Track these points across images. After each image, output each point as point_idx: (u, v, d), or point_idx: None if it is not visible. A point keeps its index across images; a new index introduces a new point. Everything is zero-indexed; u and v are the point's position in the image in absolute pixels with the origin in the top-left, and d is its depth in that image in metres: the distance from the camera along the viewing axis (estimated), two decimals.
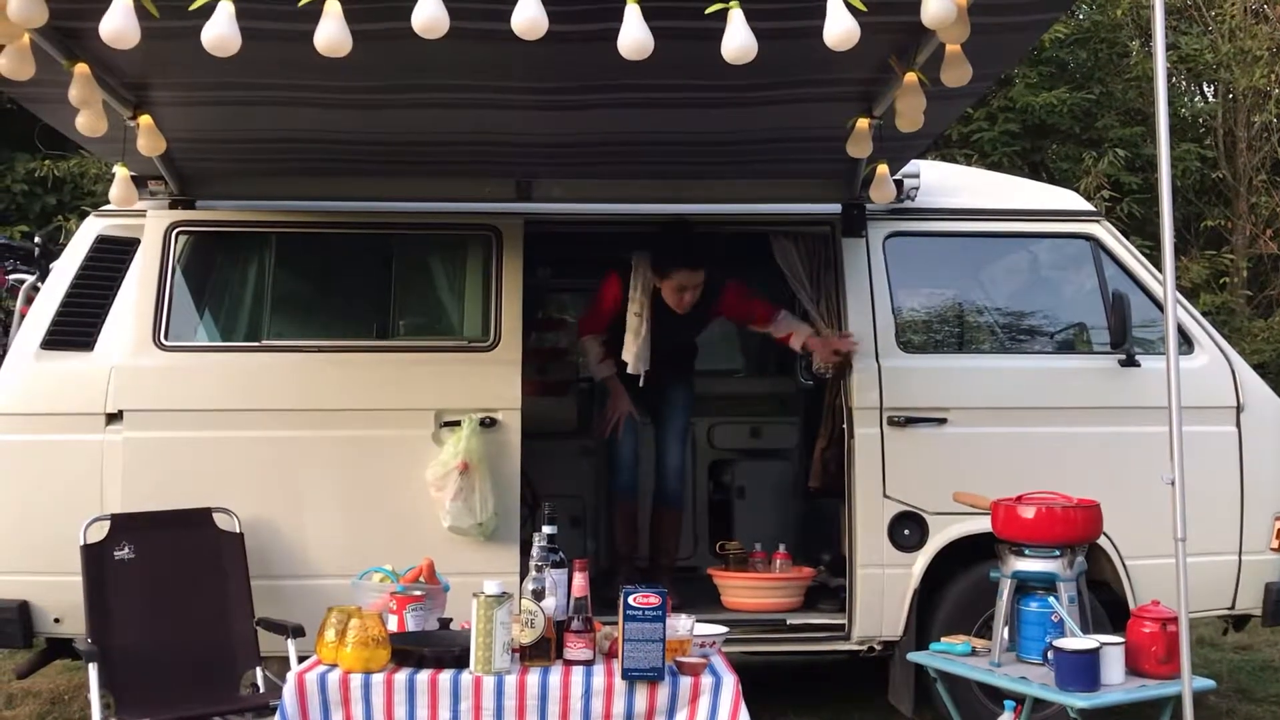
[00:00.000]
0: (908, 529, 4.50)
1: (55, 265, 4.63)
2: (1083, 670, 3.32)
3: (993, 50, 3.20)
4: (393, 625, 2.96)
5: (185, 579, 4.13)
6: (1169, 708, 3.40)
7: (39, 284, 4.78)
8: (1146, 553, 4.42)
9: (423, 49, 2.74)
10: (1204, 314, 6.39)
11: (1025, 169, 10.62)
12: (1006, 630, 3.69)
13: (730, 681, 2.69)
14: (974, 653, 3.75)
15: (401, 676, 2.67)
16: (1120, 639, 3.46)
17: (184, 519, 4.18)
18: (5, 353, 4.52)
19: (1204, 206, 11.94)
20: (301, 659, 3.16)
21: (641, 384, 4.90)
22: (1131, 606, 4.25)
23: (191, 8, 2.56)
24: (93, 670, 3.74)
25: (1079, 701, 3.28)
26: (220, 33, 2.57)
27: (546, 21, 2.55)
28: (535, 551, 2.84)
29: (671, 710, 2.66)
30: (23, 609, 4.24)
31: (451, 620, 3.13)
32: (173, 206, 4.52)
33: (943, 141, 10.22)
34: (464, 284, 4.66)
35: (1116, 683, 3.37)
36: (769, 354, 6.61)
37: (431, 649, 2.76)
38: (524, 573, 3.07)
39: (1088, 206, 5.07)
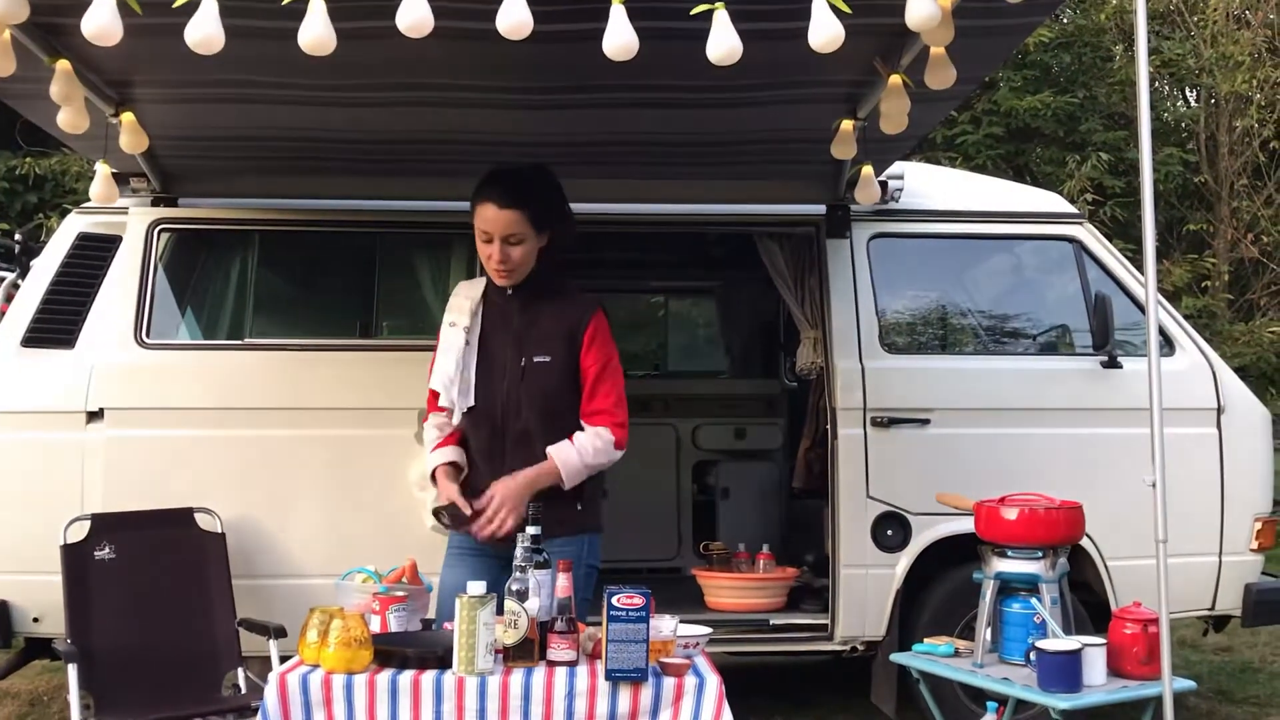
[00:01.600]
0: (891, 529, 4.51)
1: (36, 263, 4.60)
2: (1065, 671, 3.33)
3: (977, 53, 3.21)
4: (375, 626, 2.95)
5: (166, 579, 4.10)
6: (1150, 709, 3.42)
7: (19, 281, 4.75)
8: (1128, 554, 4.44)
9: (408, 48, 2.73)
10: (1186, 317, 6.43)
11: (1009, 172, 10.66)
12: (989, 631, 3.70)
13: (714, 682, 2.69)
14: (957, 654, 3.76)
15: (384, 677, 2.66)
16: (1102, 640, 3.47)
17: (165, 519, 4.15)
18: None
19: (1186, 210, 12.02)
20: (283, 659, 3.15)
21: (456, 420, 3.26)
22: (1113, 607, 4.27)
23: (175, 4, 2.54)
24: (72, 671, 3.71)
25: (1061, 702, 3.29)
26: (204, 30, 2.56)
27: (532, 22, 2.54)
28: (519, 552, 2.83)
29: (655, 711, 2.65)
30: (1, 608, 4.21)
31: (435, 621, 3.13)
32: (155, 204, 4.50)
33: (927, 144, 10.25)
34: (448, 283, 4.64)
35: (1098, 684, 3.38)
36: (753, 355, 6.64)
37: (414, 650, 2.75)
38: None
39: (1071, 209, 5.09)
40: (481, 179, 3.25)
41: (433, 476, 3.28)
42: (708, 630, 2.96)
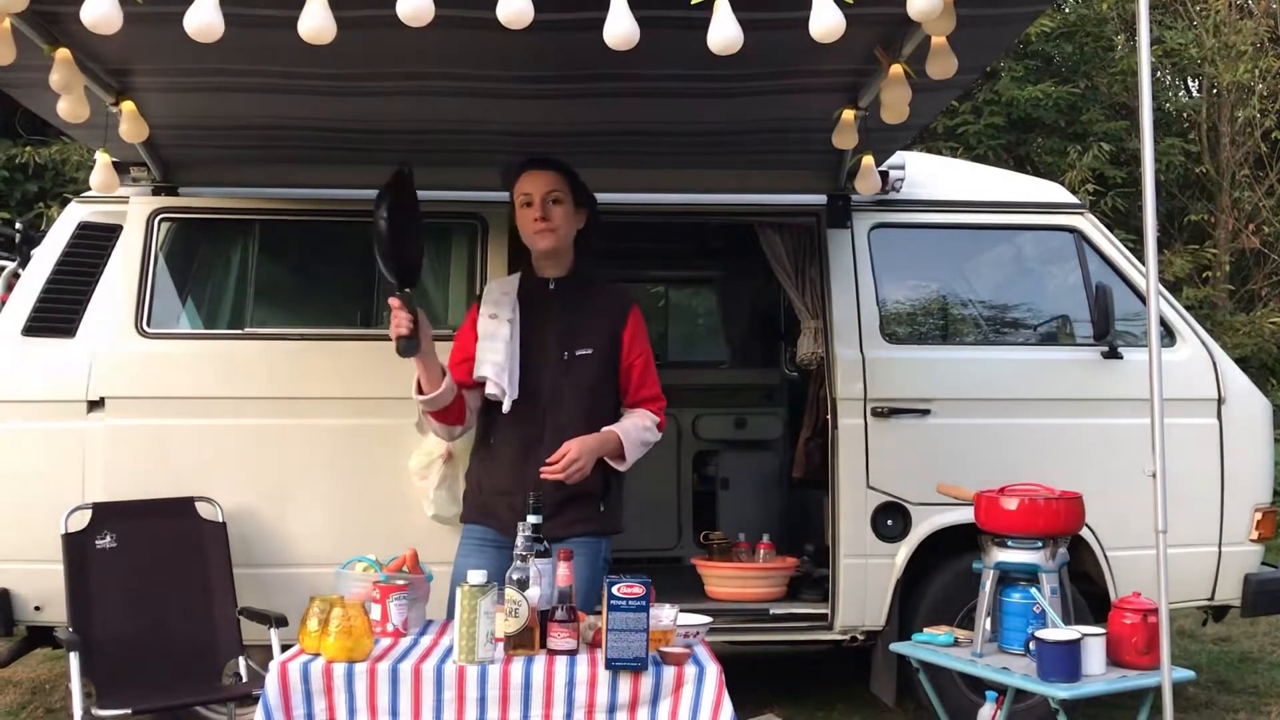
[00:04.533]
0: (891, 519, 4.52)
1: (36, 252, 4.60)
2: (1064, 661, 3.34)
3: (978, 43, 3.21)
4: (376, 615, 2.96)
5: (167, 568, 4.11)
6: (1149, 698, 3.43)
7: (20, 271, 4.75)
8: (1128, 544, 4.45)
9: (407, 37, 2.72)
10: (1186, 307, 6.42)
11: (1010, 162, 10.65)
12: (989, 621, 3.71)
13: (713, 671, 2.70)
14: (956, 643, 3.76)
15: (384, 666, 2.66)
16: (1101, 630, 3.48)
17: (166, 508, 4.16)
18: None
19: (1187, 201, 12.01)
20: (284, 648, 3.15)
21: (507, 408, 3.26)
22: (1113, 597, 4.28)
23: None
24: (73, 659, 3.72)
25: (1060, 692, 3.30)
26: (203, 19, 2.55)
27: (532, 11, 2.54)
28: (519, 541, 2.84)
29: (655, 700, 2.67)
30: (3, 597, 4.22)
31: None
32: (155, 193, 4.49)
33: (928, 134, 10.24)
34: (449, 272, 4.65)
35: (1097, 673, 3.39)
36: (753, 345, 6.63)
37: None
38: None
39: (1072, 199, 5.08)
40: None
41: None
42: (707, 620, 2.97)
